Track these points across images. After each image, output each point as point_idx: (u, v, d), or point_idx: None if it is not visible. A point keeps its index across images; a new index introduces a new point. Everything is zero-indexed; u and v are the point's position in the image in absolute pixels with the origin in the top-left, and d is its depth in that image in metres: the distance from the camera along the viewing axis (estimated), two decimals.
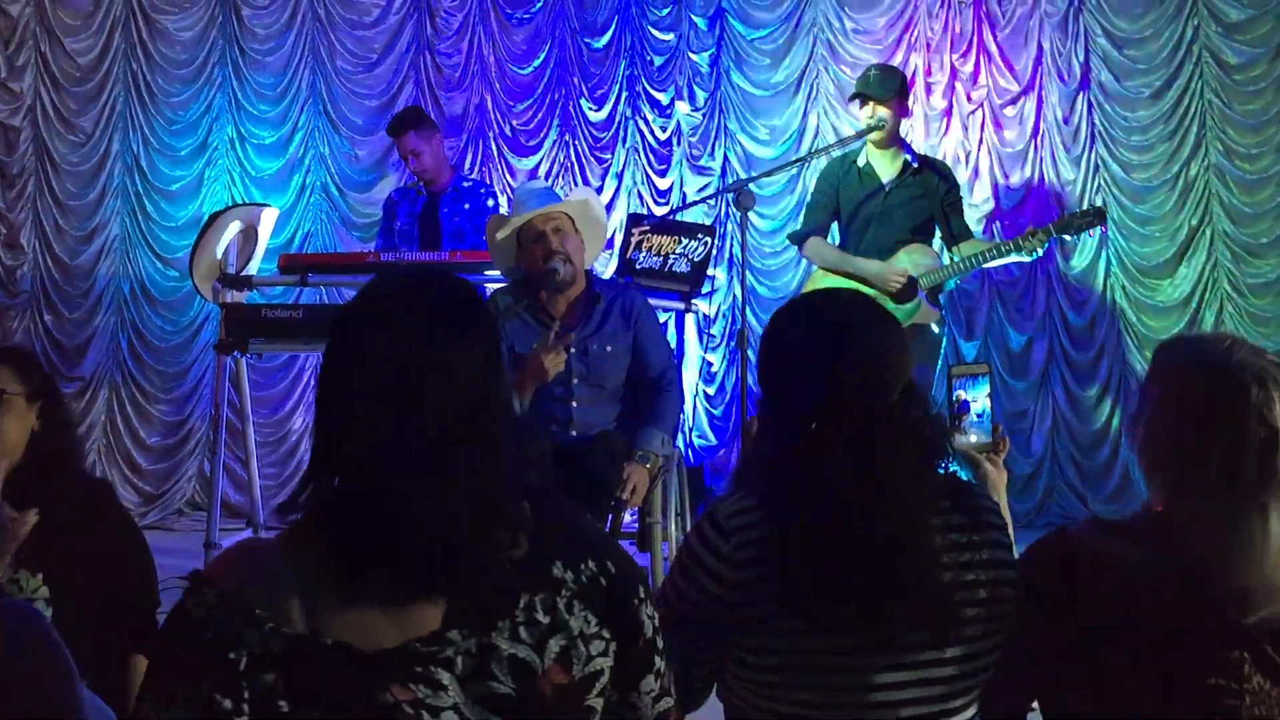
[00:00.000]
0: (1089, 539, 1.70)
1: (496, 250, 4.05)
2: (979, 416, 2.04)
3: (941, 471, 1.74)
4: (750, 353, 4.21)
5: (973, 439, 2.02)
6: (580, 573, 1.35)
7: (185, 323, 6.49)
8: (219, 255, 4.93)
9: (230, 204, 5.90)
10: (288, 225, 6.40)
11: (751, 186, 4.75)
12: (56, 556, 2.18)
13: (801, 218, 5.21)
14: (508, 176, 6.42)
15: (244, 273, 4.99)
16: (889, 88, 4.72)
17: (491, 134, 6.46)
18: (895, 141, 4.80)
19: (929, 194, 4.75)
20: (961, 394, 2.04)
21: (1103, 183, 6.20)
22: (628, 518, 4.30)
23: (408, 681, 1.24)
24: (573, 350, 3.91)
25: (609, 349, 3.94)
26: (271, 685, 1.23)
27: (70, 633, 1.64)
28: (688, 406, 6.10)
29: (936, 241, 4.87)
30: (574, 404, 3.92)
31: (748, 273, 6.00)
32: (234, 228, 4.96)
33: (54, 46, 6.48)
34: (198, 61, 6.50)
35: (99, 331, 6.49)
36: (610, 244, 5.34)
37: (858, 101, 4.78)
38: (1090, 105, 6.22)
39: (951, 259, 4.75)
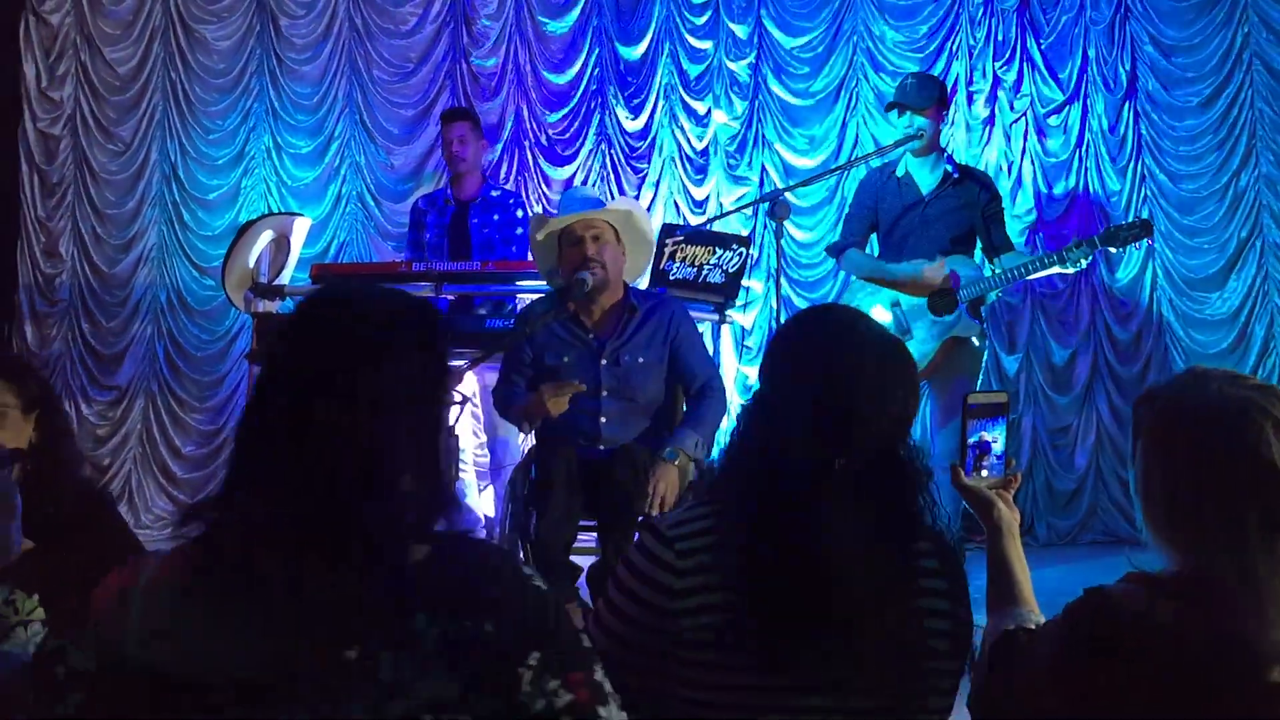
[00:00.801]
0: (1131, 598, 1.56)
1: (538, 250, 3.98)
2: (998, 458, 1.94)
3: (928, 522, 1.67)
4: None
5: (985, 475, 1.92)
6: (448, 629, 1.18)
7: (221, 332, 6.49)
8: (251, 264, 4.92)
9: (264, 213, 5.90)
10: (323, 235, 6.40)
11: (789, 196, 4.68)
12: (52, 576, 2.13)
13: (839, 229, 5.13)
14: (543, 186, 6.38)
15: (276, 282, 4.98)
16: (927, 96, 4.63)
17: (527, 143, 6.42)
18: (935, 150, 4.70)
19: (969, 204, 4.65)
20: (984, 435, 1.94)
21: (1149, 193, 6.07)
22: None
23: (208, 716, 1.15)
24: (603, 362, 3.84)
25: (640, 360, 3.85)
26: (80, 703, 1.19)
27: None
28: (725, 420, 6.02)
29: (977, 253, 4.77)
30: (602, 419, 3.83)
31: (786, 284, 5.97)
32: (266, 237, 4.96)
33: (94, 56, 6.51)
34: (235, 71, 6.51)
35: (136, 340, 6.50)
36: None
37: (895, 110, 4.69)
38: (1137, 114, 6.09)
39: (993, 271, 4.65)
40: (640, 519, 3.62)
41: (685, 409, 3.92)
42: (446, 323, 1.36)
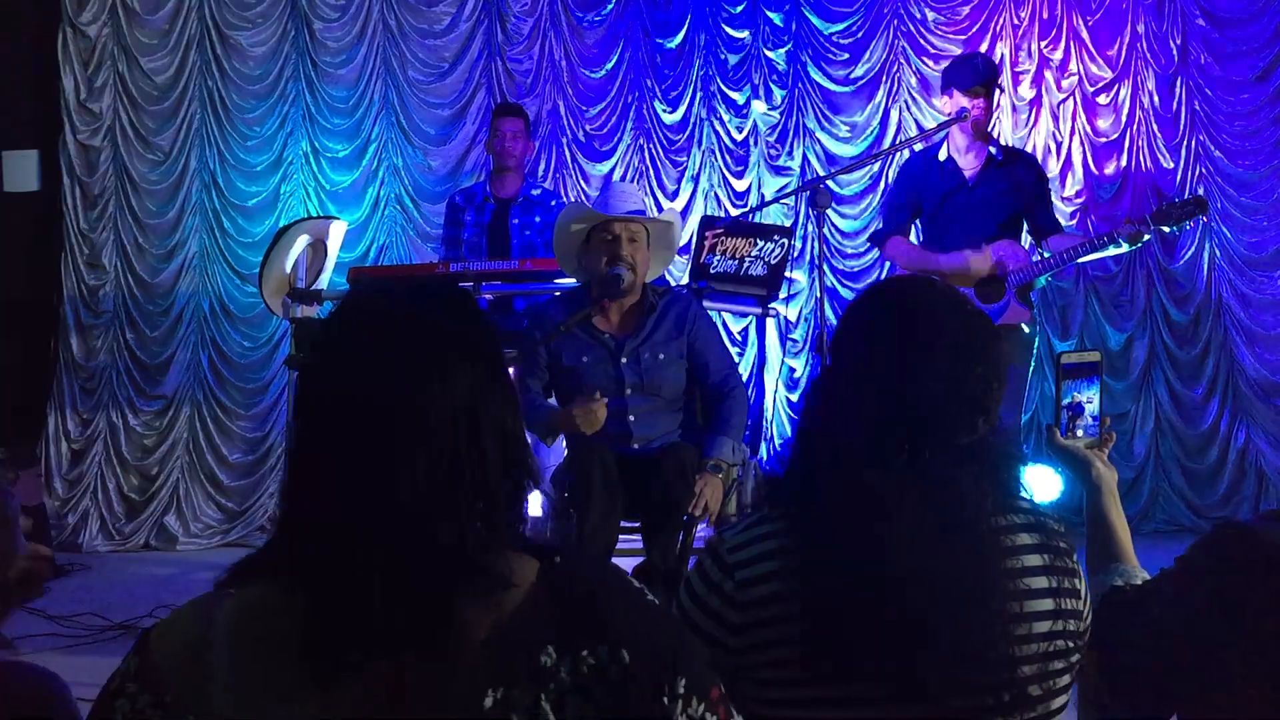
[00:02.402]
0: (1273, 533, 1.45)
1: (563, 236, 3.93)
2: (1094, 419, 1.87)
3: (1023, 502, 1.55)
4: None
5: (1080, 437, 1.86)
6: (580, 662, 1.08)
7: (264, 338, 6.48)
8: (288, 270, 4.89)
9: (299, 218, 5.87)
10: (363, 238, 6.37)
11: (831, 185, 4.57)
12: None
13: (881, 218, 5.02)
14: (582, 183, 6.31)
15: (314, 287, 4.95)
16: (969, 75, 4.52)
17: (565, 139, 6.35)
18: (979, 134, 4.58)
19: (1015, 187, 4.52)
20: (1077, 396, 1.88)
21: (1204, 171, 5.90)
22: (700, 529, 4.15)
23: None
24: (624, 360, 3.82)
25: (660, 356, 3.84)
26: None
27: None
28: (769, 413, 5.93)
29: (1025, 238, 4.65)
30: (631, 417, 3.80)
31: (829, 274, 5.87)
32: (302, 242, 4.93)
33: (131, 66, 6.51)
34: (271, 76, 6.49)
35: (180, 349, 6.50)
36: (685, 249, 5.19)
37: (948, 94, 4.56)
38: (1189, 90, 5.92)
39: (1041, 255, 4.52)
40: (685, 518, 3.59)
41: (708, 411, 3.88)
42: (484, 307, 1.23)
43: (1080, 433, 1.87)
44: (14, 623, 3.71)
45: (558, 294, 4.16)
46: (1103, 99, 5.98)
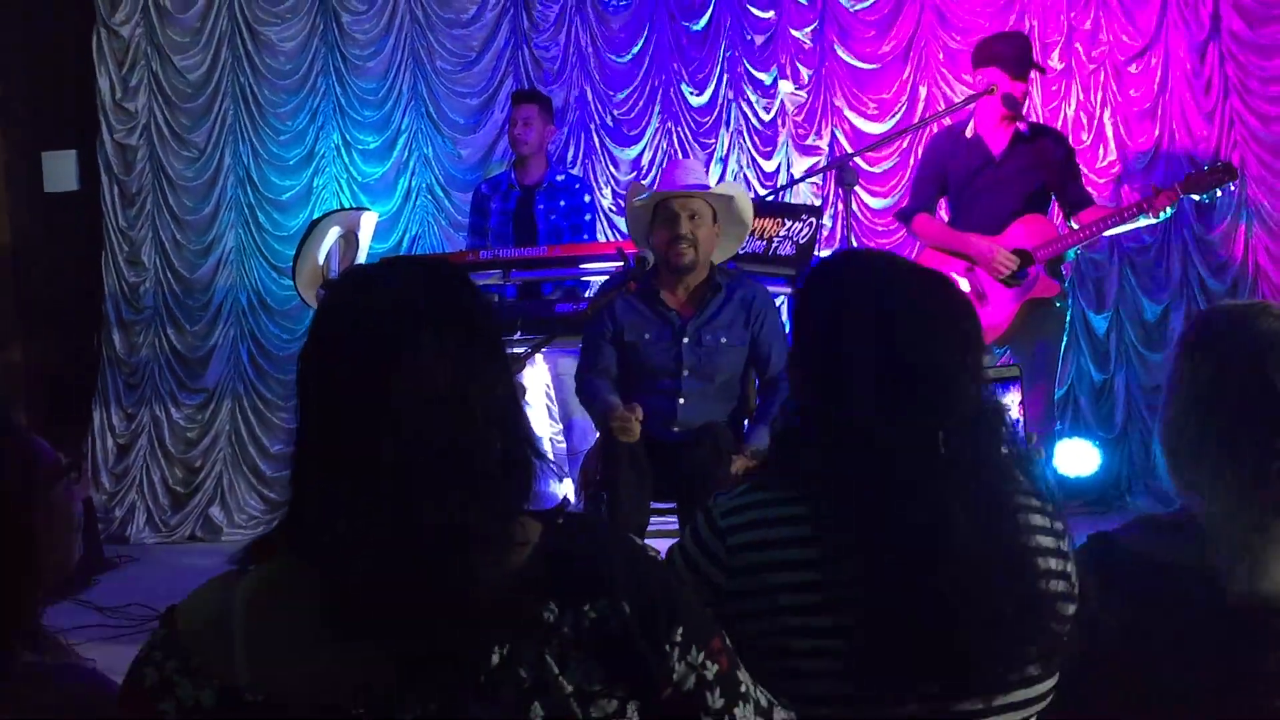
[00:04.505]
0: (1131, 539, 1.53)
1: (632, 216, 3.96)
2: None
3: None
4: None
5: None
6: (582, 616, 1.12)
7: (301, 331, 6.55)
8: (321, 261, 4.95)
9: (331, 210, 5.93)
10: (395, 229, 6.43)
11: (860, 162, 4.56)
12: None
13: (910, 194, 5.01)
14: (610, 168, 6.33)
15: None
16: (994, 52, 4.50)
17: (593, 125, 6.37)
18: (1008, 110, 4.55)
19: (1042, 163, 4.49)
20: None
21: (1239, 139, 5.80)
22: None
23: None
24: (685, 340, 3.83)
25: (722, 340, 3.83)
26: None
27: None
28: None
29: (1053, 211, 4.62)
30: (680, 399, 3.81)
31: None
32: (334, 233, 4.99)
33: (164, 64, 6.60)
34: (301, 71, 6.55)
35: (219, 343, 6.60)
36: None
37: (985, 70, 4.54)
38: (1221, 56, 5.82)
39: (1070, 228, 4.50)
40: None
41: (758, 400, 3.88)
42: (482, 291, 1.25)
43: None
44: (65, 614, 3.79)
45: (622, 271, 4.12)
46: (1133, 68, 5.91)
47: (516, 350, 3.49)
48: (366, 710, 1.10)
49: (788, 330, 3.94)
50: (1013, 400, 1.85)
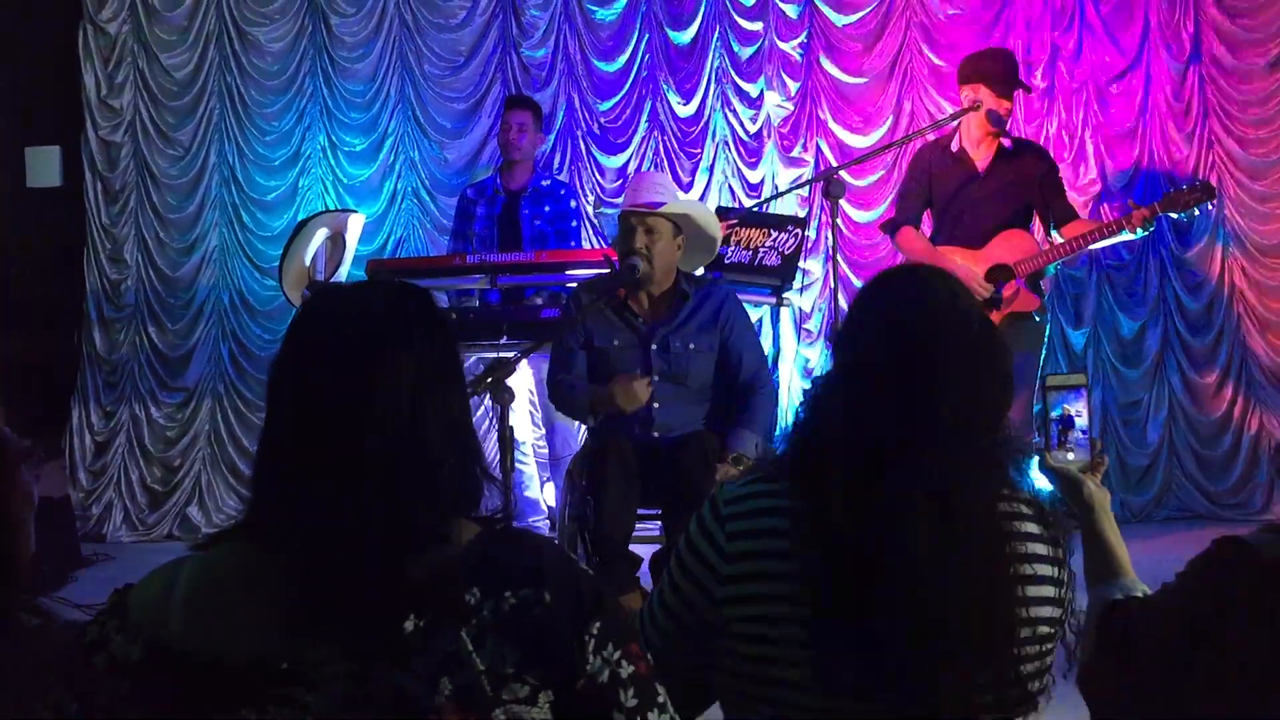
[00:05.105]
0: (1263, 544, 1.49)
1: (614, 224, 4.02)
2: (1083, 433, 1.87)
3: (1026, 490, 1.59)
4: None
5: (1071, 457, 1.85)
6: (503, 601, 1.17)
7: (283, 331, 6.49)
8: (307, 262, 4.96)
9: (318, 211, 5.93)
10: (380, 231, 6.43)
11: (845, 175, 4.60)
12: None
13: (895, 206, 5.06)
14: (597, 175, 6.36)
15: (333, 279, 5.01)
16: (980, 69, 4.56)
17: (579, 132, 6.40)
18: (993, 126, 4.61)
19: (1026, 178, 4.56)
20: (1067, 408, 1.88)
21: (1217, 159, 5.91)
22: None
23: (263, 703, 1.15)
24: (654, 346, 3.85)
25: (691, 346, 3.86)
26: (124, 693, 1.19)
27: None
28: (784, 404, 5.96)
29: (1035, 226, 4.68)
30: (655, 404, 3.82)
31: (843, 265, 5.90)
32: (321, 234, 4.99)
33: (151, 62, 6.59)
34: (289, 72, 6.55)
35: (201, 342, 6.58)
36: None
37: (971, 86, 4.59)
38: (1202, 79, 5.93)
39: (1051, 243, 4.56)
40: None
41: (736, 404, 3.89)
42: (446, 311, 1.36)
43: (1071, 450, 1.85)
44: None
45: (592, 279, 4.16)
46: (1115, 89, 6.00)
47: (505, 355, 3.50)
48: (290, 664, 1.16)
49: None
50: (1081, 408, 1.88)
